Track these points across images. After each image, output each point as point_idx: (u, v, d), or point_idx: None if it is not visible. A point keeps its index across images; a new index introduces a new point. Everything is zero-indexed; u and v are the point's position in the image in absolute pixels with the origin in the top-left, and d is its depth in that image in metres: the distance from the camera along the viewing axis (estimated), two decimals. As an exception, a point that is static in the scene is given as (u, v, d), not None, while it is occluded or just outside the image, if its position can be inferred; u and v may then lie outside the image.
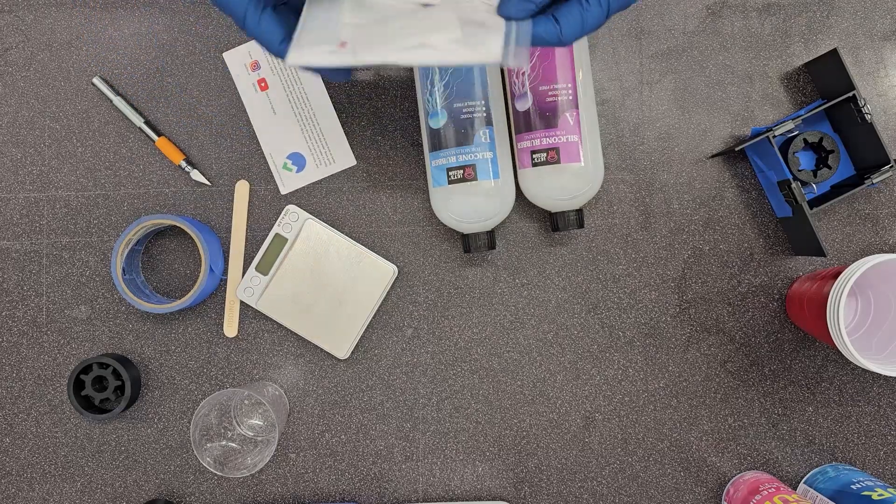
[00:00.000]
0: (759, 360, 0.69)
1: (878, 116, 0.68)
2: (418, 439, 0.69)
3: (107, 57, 0.70)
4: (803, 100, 0.69)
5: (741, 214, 0.69)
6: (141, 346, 0.69)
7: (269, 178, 0.69)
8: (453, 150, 0.62)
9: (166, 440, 0.69)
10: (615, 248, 0.69)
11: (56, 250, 0.69)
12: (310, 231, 0.68)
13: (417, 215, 0.69)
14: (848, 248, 0.69)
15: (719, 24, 0.69)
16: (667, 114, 0.69)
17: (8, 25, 0.70)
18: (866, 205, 0.69)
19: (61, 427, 0.69)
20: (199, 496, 0.69)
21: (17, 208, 0.70)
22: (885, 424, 0.68)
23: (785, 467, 0.68)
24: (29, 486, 0.69)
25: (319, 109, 0.69)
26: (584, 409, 0.69)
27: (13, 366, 0.69)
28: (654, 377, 0.69)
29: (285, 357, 0.69)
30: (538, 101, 0.62)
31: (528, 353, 0.69)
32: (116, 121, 0.70)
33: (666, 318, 0.69)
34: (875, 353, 0.61)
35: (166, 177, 0.70)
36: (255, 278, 0.68)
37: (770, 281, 0.69)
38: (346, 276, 0.68)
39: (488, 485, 0.68)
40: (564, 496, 0.68)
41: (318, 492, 0.69)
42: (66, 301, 0.69)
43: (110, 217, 0.69)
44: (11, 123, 0.70)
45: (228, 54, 0.70)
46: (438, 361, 0.69)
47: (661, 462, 0.68)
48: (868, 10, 0.69)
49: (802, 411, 0.68)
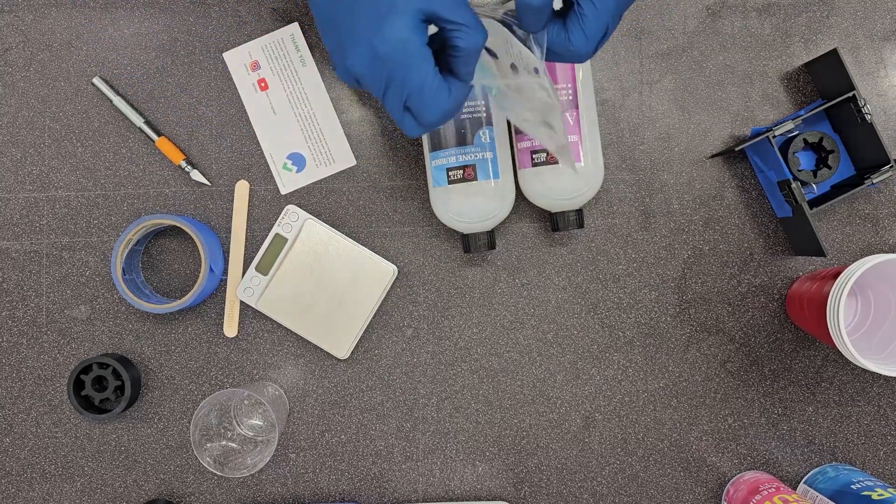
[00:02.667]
0: (759, 360, 0.69)
1: (878, 116, 0.68)
2: (418, 439, 0.69)
3: (107, 57, 0.70)
4: (803, 100, 0.69)
5: (741, 214, 0.69)
6: (141, 346, 0.69)
7: (269, 178, 0.69)
8: (453, 150, 0.62)
9: (166, 440, 0.69)
10: (615, 248, 0.69)
11: (56, 250, 0.69)
12: (310, 231, 0.68)
13: (417, 215, 0.69)
14: (848, 248, 0.69)
15: (719, 24, 0.69)
16: (667, 114, 0.69)
17: (8, 25, 0.70)
18: (866, 205, 0.69)
19: (61, 427, 0.69)
20: (199, 496, 0.69)
21: (17, 208, 0.70)
22: (885, 424, 0.68)
23: (785, 467, 0.68)
24: (29, 486, 0.69)
25: (319, 109, 0.69)
26: (584, 409, 0.69)
27: (13, 366, 0.69)
28: (654, 377, 0.69)
29: (285, 357, 0.69)
30: (538, 101, 0.62)
31: (528, 353, 0.69)
32: (116, 121, 0.70)
33: (666, 318, 0.69)
34: (875, 353, 0.61)
35: (166, 177, 0.70)
36: (255, 278, 0.68)
37: (770, 281, 0.69)
38: (346, 276, 0.68)
39: (488, 485, 0.68)
40: (564, 496, 0.68)
41: (318, 492, 0.69)
42: (66, 301, 0.69)
43: (110, 217, 0.69)
44: (11, 123, 0.70)
45: (228, 54, 0.70)
46: (438, 361, 0.69)
47: (661, 462, 0.68)
48: (868, 10, 0.69)
49: (802, 411, 0.68)
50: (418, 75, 0.44)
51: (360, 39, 0.44)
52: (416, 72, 0.44)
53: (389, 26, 0.43)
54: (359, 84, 0.47)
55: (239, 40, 0.70)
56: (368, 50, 0.44)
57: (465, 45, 0.45)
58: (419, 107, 0.46)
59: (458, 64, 0.46)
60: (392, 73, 0.45)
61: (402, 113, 0.46)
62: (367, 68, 0.45)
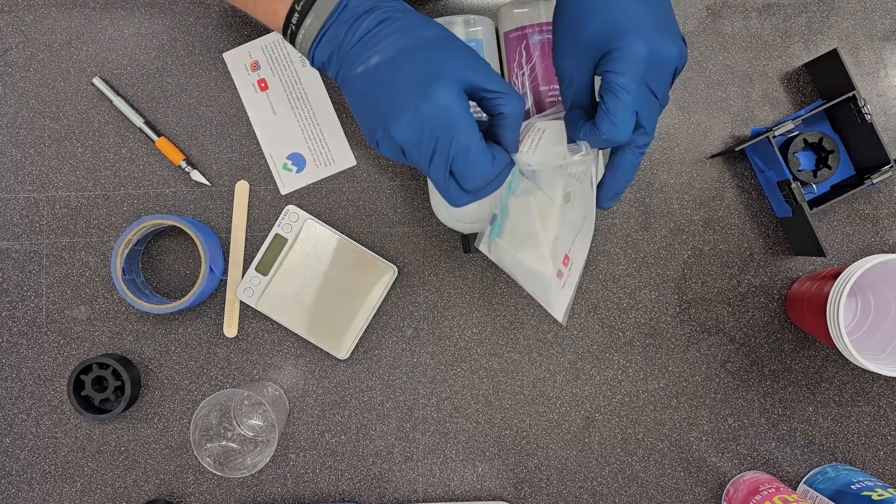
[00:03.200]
0: (759, 360, 0.69)
1: (878, 116, 0.68)
2: (418, 439, 0.69)
3: (107, 57, 0.70)
4: (803, 100, 0.69)
5: (741, 214, 0.69)
6: (141, 346, 0.69)
7: (269, 178, 0.69)
8: (453, 151, 0.62)
9: (166, 440, 0.69)
10: (615, 248, 0.69)
11: (56, 250, 0.69)
12: (310, 231, 0.68)
13: (417, 215, 0.69)
14: (848, 248, 0.69)
15: (719, 25, 0.69)
16: (667, 114, 0.69)
17: (8, 25, 0.70)
18: (866, 205, 0.69)
19: (61, 427, 0.69)
20: (199, 496, 0.69)
21: (17, 208, 0.70)
22: (885, 424, 0.68)
23: (785, 467, 0.68)
24: (29, 486, 0.69)
25: (319, 109, 0.69)
26: (584, 409, 0.69)
27: (13, 366, 0.69)
28: (654, 377, 0.69)
29: (285, 357, 0.69)
30: (538, 101, 0.62)
31: (528, 353, 0.69)
32: (116, 121, 0.70)
33: (666, 318, 0.69)
34: (875, 353, 0.61)
35: (166, 177, 0.70)
36: (255, 278, 0.68)
37: (770, 281, 0.69)
38: (346, 277, 0.68)
39: (488, 485, 0.68)
40: (564, 496, 0.68)
41: (318, 492, 0.69)
42: (66, 301, 0.69)
43: (110, 217, 0.69)
44: (11, 123, 0.70)
45: (228, 54, 0.70)
46: (438, 361, 0.69)
47: (661, 462, 0.68)
48: (868, 10, 0.69)
49: (802, 411, 0.68)
50: (464, 138, 0.45)
51: (406, 106, 0.45)
52: (463, 135, 0.45)
53: (435, 92, 0.44)
54: (403, 155, 0.47)
55: (239, 40, 0.70)
56: (415, 115, 0.45)
57: (509, 111, 0.47)
58: (463, 170, 0.46)
59: (503, 130, 0.47)
60: (439, 137, 0.45)
61: (446, 179, 0.47)
62: (413, 134, 0.45)
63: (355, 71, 0.47)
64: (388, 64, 0.46)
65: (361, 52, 0.46)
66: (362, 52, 0.46)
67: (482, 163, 0.46)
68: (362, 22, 0.46)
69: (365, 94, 0.47)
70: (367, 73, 0.46)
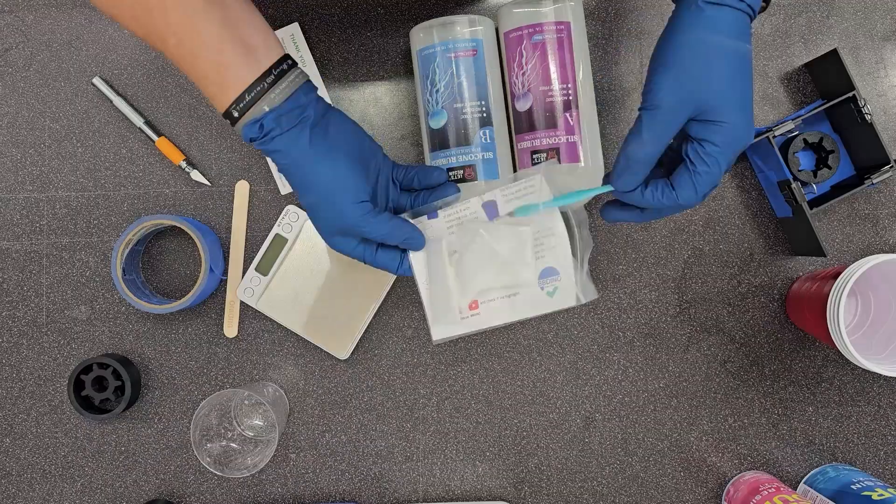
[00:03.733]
0: (759, 360, 0.69)
1: (878, 116, 0.68)
2: (418, 439, 0.69)
3: (107, 57, 0.70)
4: (803, 100, 0.69)
5: (741, 214, 0.69)
6: (141, 346, 0.69)
7: (269, 178, 0.69)
8: (453, 151, 0.62)
9: (166, 440, 0.69)
10: (615, 248, 0.69)
11: (56, 250, 0.69)
12: (310, 231, 0.68)
13: (417, 215, 0.69)
14: (848, 248, 0.69)
15: (719, 24, 0.69)
16: (667, 114, 0.69)
17: (8, 25, 0.70)
18: (866, 205, 0.69)
19: (61, 427, 0.69)
20: (199, 496, 0.69)
21: (17, 208, 0.70)
22: (885, 424, 0.68)
23: (785, 467, 0.68)
24: (29, 486, 0.69)
25: (319, 109, 0.69)
26: (584, 409, 0.69)
27: (13, 366, 0.69)
28: (654, 377, 0.69)
29: (285, 357, 0.69)
30: (538, 101, 0.62)
31: (528, 353, 0.69)
32: (116, 121, 0.70)
33: (666, 318, 0.69)
34: (875, 353, 0.61)
35: (166, 177, 0.70)
36: (255, 278, 0.68)
37: (770, 281, 0.69)
38: (346, 277, 0.68)
39: (488, 485, 0.68)
40: (564, 496, 0.68)
41: (318, 492, 0.69)
42: (66, 301, 0.69)
43: (110, 217, 0.69)
44: (11, 123, 0.70)
45: (228, 54, 0.69)
46: (438, 361, 0.69)
47: (661, 462, 0.68)
48: (868, 10, 0.69)
49: (802, 411, 0.68)
50: (357, 254, 0.54)
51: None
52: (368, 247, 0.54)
53: (333, 243, 0.54)
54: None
55: (239, 40, 0.69)
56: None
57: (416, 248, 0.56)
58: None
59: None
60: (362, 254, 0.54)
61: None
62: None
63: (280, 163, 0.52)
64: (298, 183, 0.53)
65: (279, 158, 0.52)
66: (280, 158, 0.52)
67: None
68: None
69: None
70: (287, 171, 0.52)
